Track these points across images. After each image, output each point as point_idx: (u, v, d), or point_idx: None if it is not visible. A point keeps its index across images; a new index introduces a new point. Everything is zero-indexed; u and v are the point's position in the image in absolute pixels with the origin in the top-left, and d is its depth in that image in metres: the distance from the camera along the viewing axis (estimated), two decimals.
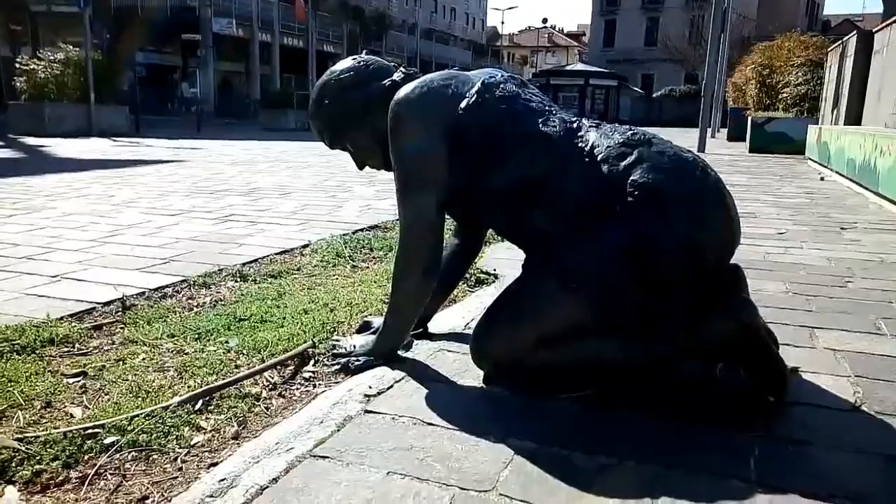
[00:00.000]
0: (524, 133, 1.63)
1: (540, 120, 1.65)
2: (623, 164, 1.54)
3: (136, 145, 12.53)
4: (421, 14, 53.11)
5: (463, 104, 1.65)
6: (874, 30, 9.45)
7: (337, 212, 4.69)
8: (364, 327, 2.09)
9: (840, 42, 10.97)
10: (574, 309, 1.57)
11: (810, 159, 9.68)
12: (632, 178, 1.52)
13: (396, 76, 1.83)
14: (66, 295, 2.49)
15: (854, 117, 9.81)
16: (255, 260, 3.12)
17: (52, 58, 16.13)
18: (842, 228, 4.20)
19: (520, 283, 1.67)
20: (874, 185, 5.47)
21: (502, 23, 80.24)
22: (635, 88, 45.46)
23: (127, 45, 27.94)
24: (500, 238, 2.75)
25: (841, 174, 7.08)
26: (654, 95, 44.02)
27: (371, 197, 5.57)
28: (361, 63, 1.86)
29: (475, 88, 1.67)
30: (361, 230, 4.01)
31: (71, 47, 16.63)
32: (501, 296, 1.71)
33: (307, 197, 5.48)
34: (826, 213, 4.89)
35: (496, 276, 2.84)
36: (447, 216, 1.81)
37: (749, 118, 13.37)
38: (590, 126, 1.66)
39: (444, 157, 1.65)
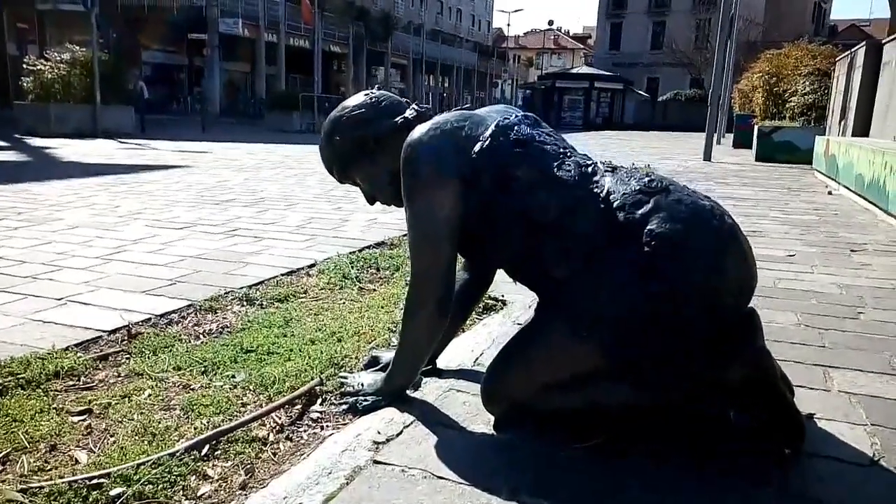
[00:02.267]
0: (539, 177, 1.60)
1: (555, 164, 1.63)
2: (640, 212, 1.52)
3: (142, 148, 12.53)
4: (427, 15, 53.09)
5: (477, 147, 1.63)
6: (883, 42, 9.41)
7: (343, 226, 4.67)
8: (372, 363, 2.07)
9: (848, 53, 10.92)
10: (587, 355, 1.54)
11: (817, 170, 9.64)
12: (649, 227, 1.49)
13: (408, 113, 1.81)
14: (71, 321, 2.47)
15: (862, 130, 9.77)
16: (262, 282, 3.10)
17: (58, 58, 16.17)
18: (852, 251, 4.16)
19: (532, 327, 1.65)
20: (884, 204, 5.43)
21: (508, 25, 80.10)
22: (641, 92, 45.42)
23: (133, 45, 27.99)
24: None
25: (849, 189, 7.05)
26: (660, 99, 43.97)
27: (377, 209, 5.55)
28: (373, 99, 1.84)
29: (489, 131, 1.65)
30: (368, 247, 3.99)
31: (77, 47, 16.67)
32: (513, 340, 1.68)
33: (313, 208, 5.46)
34: (835, 232, 4.85)
35: (504, 303, 2.81)
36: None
37: (756, 127, 13.31)
38: (605, 171, 1.64)
39: (456, 200, 1.62)
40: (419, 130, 1.66)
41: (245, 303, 2.79)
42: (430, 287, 1.67)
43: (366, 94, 1.86)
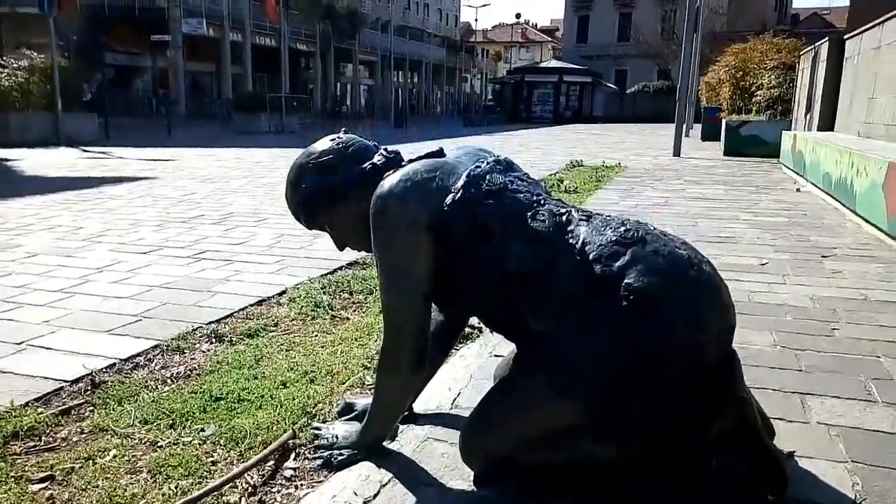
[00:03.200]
0: (512, 230, 1.56)
1: (528, 214, 1.58)
2: (616, 264, 1.48)
3: (106, 157, 12.26)
4: (394, 11, 52.77)
5: (448, 199, 1.58)
6: (845, 37, 9.53)
7: (314, 244, 4.58)
8: (346, 410, 2.01)
9: (812, 47, 11.06)
10: (567, 412, 1.50)
11: (785, 165, 9.75)
12: (626, 280, 1.45)
13: (377, 159, 1.75)
14: (31, 370, 2.37)
15: (827, 123, 9.91)
16: (231, 314, 3.02)
17: (15, 65, 15.76)
18: (823, 257, 4.19)
19: (510, 381, 1.61)
20: (851, 204, 5.50)
21: (476, 20, 79.81)
22: (609, 84, 45.72)
23: (95, 47, 27.37)
24: None
25: (817, 186, 7.13)
26: (628, 91, 44.31)
27: None
28: (340, 144, 1.78)
29: (461, 182, 1.59)
30: (340, 268, 3.92)
31: (36, 54, 16.25)
32: (492, 394, 1.64)
33: (283, 224, 5.35)
34: (806, 235, 4.89)
35: (480, 330, 2.77)
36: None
37: (724, 121, 13.45)
38: (580, 219, 1.60)
39: (429, 254, 1.58)
40: (389, 182, 1.61)
41: (214, 339, 2.71)
42: (404, 344, 1.62)
43: (332, 140, 1.80)
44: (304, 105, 26.55)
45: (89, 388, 2.24)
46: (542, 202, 1.63)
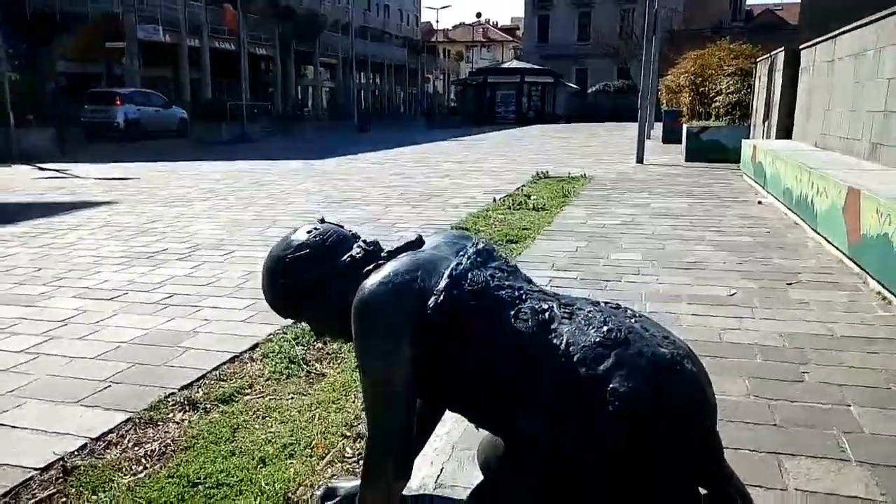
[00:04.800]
0: (496, 332, 1.55)
1: (511, 313, 1.58)
2: (601, 367, 1.48)
3: (63, 175, 11.94)
4: (354, 12, 52.45)
5: (431, 302, 1.56)
6: (800, 47, 9.75)
7: None
8: (328, 496, 1.99)
9: (769, 56, 11.29)
10: None
11: (745, 174, 9.93)
12: (611, 385, 1.46)
13: (355, 251, 1.73)
14: None
15: (785, 131, 10.13)
16: (203, 375, 2.96)
17: None
18: (788, 284, 4.28)
19: (500, 483, 1.60)
20: (812, 223, 5.62)
21: (437, 21, 79.52)
22: (570, 84, 46.14)
23: (47, 56, 26.65)
24: None
25: (778, 199, 7.27)
26: (590, 91, 44.77)
27: None
28: (318, 238, 1.75)
29: (443, 283, 1.58)
30: None
31: None
32: (481, 493, 1.63)
33: (250, 256, 5.27)
34: (770, 258, 4.98)
35: None
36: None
37: (685, 127, 13.66)
38: (562, 317, 1.59)
39: (411, 358, 1.56)
40: (370, 285, 1.58)
41: (187, 407, 2.65)
42: (388, 451, 1.60)
43: (309, 232, 1.77)
44: (265, 111, 26.25)
45: (61, 475, 2.17)
46: (523, 297, 1.62)
